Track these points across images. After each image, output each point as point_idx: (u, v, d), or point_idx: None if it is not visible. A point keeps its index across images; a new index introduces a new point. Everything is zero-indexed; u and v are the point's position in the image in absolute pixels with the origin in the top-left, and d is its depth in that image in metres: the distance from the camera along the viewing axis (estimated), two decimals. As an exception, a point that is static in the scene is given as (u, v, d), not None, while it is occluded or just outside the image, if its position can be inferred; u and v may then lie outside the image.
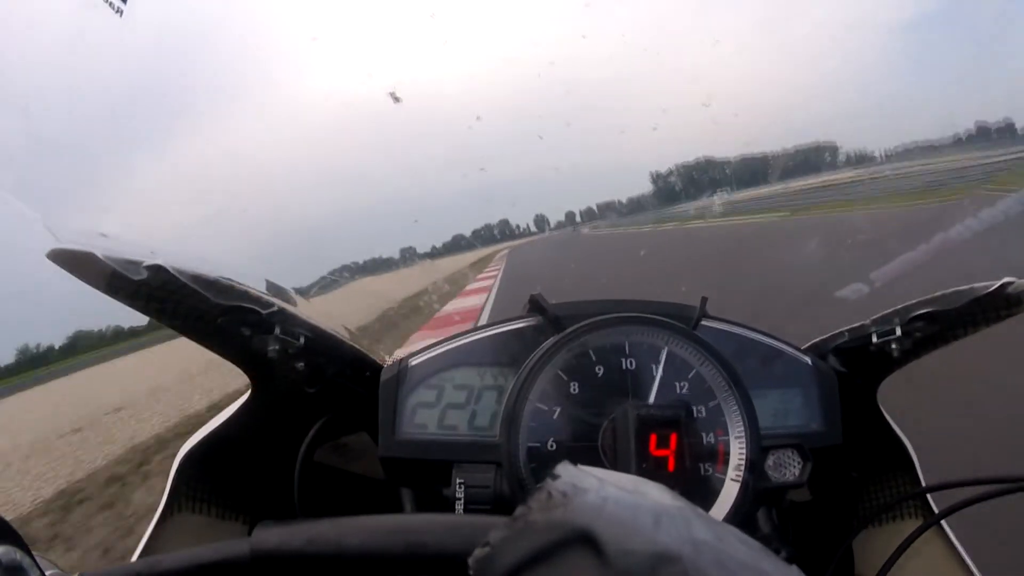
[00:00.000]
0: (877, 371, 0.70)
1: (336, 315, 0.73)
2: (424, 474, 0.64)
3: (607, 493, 0.23)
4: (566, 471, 0.25)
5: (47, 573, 0.34)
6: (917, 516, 0.70)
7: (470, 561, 0.23)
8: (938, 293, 0.63)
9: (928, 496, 0.68)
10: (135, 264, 0.54)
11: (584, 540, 0.21)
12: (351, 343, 0.72)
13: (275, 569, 0.32)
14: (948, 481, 0.65)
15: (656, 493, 0.25)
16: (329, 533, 0.32)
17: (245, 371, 0.69)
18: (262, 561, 0.32)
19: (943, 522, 0.65)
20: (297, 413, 0.74)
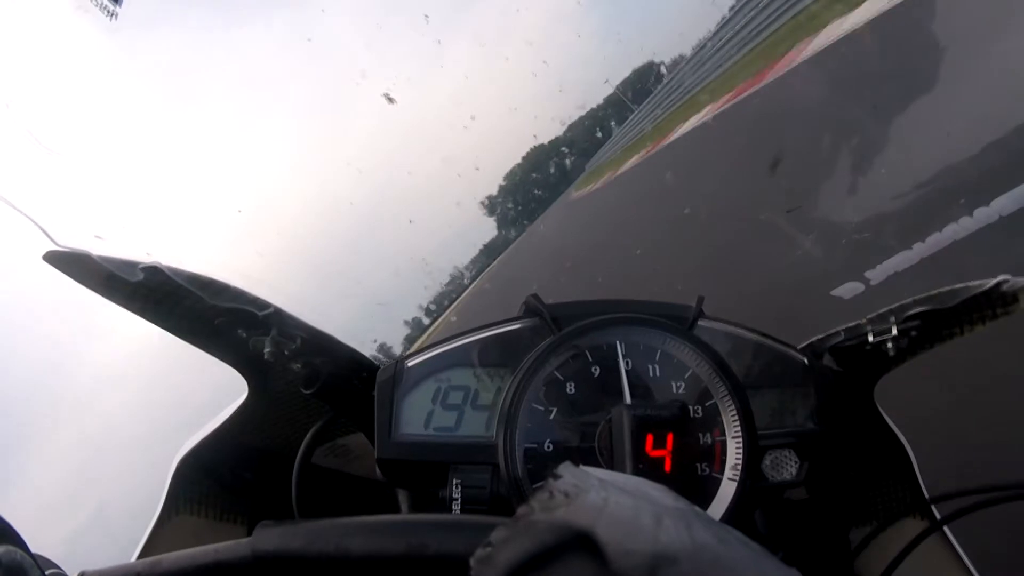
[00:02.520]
0: (873, 370, 0.71)
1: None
2: (421, 476, 0.64)
3: (608, 493, 0.23)
4: (568, 471, 0.25)
5: (47, 573, 0.34)
6: (916, 516, 0.70)
7: (471, 561, 0.23)
8: (933, 291, 0.63)
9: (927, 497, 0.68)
10: (131, 265, 0.54)
11: (585, 540, 0.21)
12: (348, 344, 0.72)
13: (276, 569, 0.32)
14: (949, 491, 0.65)
15: (657, 494, 0.25)
16: (331, 533, 0.32)
17: (242, 373, 0.68)
18: (264, 561, 0.32)
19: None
20: (294, 415, 0.74)
